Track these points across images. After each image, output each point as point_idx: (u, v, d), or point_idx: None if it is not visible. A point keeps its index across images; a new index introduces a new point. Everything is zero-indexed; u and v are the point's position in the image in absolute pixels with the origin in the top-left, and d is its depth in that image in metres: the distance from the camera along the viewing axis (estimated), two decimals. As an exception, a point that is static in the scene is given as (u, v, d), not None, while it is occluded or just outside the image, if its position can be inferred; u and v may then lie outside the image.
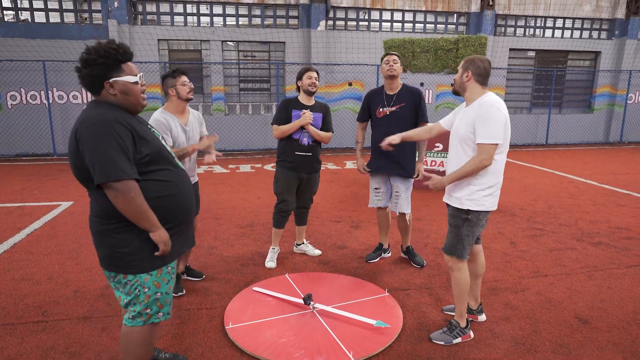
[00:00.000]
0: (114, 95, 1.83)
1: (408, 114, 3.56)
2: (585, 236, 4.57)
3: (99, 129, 1.70)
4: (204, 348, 2.58)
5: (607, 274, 3.63)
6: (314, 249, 4.07)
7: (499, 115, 2.40)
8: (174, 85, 3.03)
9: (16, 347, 2.57)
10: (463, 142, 2.53)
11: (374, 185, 3.81)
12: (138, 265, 1.87)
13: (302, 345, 2.56)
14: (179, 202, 1.95)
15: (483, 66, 2.53)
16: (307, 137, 3.64)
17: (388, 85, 3.64)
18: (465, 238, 2.56)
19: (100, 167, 1.69)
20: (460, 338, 2.64)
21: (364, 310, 2.96)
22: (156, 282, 1.94)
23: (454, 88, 2.69)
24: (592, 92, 12.88)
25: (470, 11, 11.71)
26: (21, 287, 3.35)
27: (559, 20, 12.53)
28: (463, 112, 2.61)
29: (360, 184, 7.14)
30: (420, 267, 3.79)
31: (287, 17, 11.23)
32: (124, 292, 1.94)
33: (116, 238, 1.84)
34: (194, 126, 3.19)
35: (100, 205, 1.83)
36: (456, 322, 2.68)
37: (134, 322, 1.95)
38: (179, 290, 3.25)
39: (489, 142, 2.38)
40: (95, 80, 1.79)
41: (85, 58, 1.76)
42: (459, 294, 2.65)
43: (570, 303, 3.13)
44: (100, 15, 10.30)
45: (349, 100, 11.47)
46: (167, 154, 1.97)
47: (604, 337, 2.69)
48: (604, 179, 7.49)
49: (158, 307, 1.97)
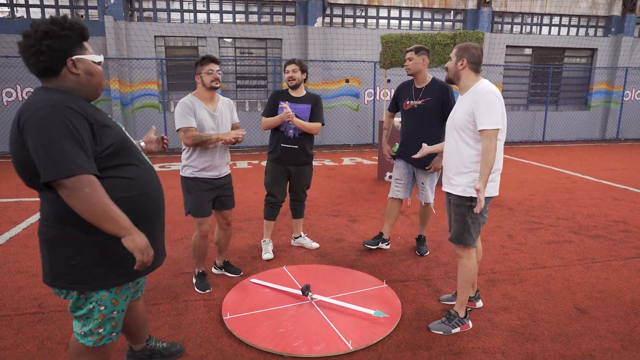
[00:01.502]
0: (76, 75, 1.55)
1: (434, 108, 3.54)
2: (582, 229, 4.58)
3: (47, 116, 1.40)
4: (202, 338, 2.56)
5: (605, 266, 3.63)
6: (311, 242, 4.06)
7: (496, 101, 2.41)
8: (200, 73, 2.98)
9: (12, 338, 2.55)
10: (460, 130, 2.52)
11: (396, 175, 3.81)
12: (95, 280, 1.57)
13: (300, 335, 2.55)
14: (148, 204, 1.66)
15: (477, 54, 2.54)
16: (293, 130, 3.60)
17: (416, 79, 3.64)
18: (472, 225, 2.56)
19: (48, 161, 1.38)
20: (458, 328, 2.63)
21: (362, 301, 2.95)
22: (114, 300, 1.66)
23: (447, 76, 2.69)
24: (588, 89, 12.91)
25: (467, 8, 11.73)
26: (17, 280, 3.32)
27: (555, 18, 12.56)
28: (459, 101, 2.61)
29: (358, 180, 7.13)
30: (421, 255, 3.84)
31: (284, 14, 11.21)
32: (73, 306, 1.66)
33: (68, 247, 1.53)
34: (223, 113, 3.09)
35: (53, 208, 1.52)
36: (455, 312, 2.67)
37: (84, 340, 1.68)
38: (206, 287, 3.16)
39: (491, 127, 2.39)
40: (56, 57, 1.49)
41: (45, 29, 1.46)
42: (464, 283, 2.64)
43: (569, 294, 3.14)
44: (96, 12, 10.25)
45: (346, 97, 11.46)
46: (133, 146, 1.69)
47: (603, 326, 2.70)
48: (600, 175, 7.51)
49: (112, 327, 1.70)
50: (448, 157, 2.64)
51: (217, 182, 3.10)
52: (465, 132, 2.50)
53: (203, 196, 3.03)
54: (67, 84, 1.55)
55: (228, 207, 3.23)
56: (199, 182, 3.02)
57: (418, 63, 3.55)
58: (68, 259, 1.54)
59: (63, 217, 1.51)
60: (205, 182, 3.04)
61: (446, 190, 2.69)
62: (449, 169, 2.64)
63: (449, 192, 2.67)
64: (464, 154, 2.53)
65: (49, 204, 1.53)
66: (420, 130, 3.59)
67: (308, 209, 5.33)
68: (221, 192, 3.14)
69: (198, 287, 3.18)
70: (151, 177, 1.72)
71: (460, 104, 2.57)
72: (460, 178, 2.55)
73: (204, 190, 3.03)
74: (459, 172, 2.55)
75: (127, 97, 10.37)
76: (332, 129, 11.48)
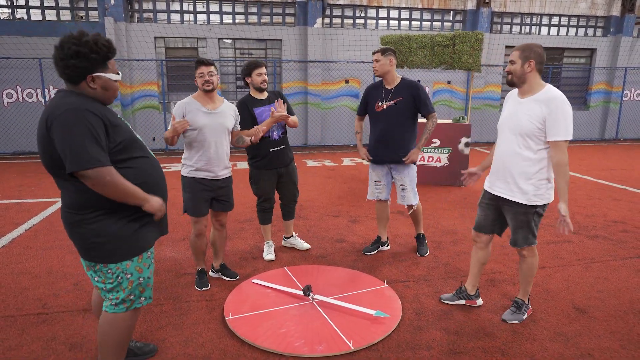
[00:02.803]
0: (93, 89, 1.83)
1: (406, 108, 3.56)
2: (581, 229, 4.60)
3: (71, 117, 1.69)
4: (204, 338, 2.59)
5: (604, 266, 3.66)
6: (302, 242, 4.05)
7: (570, 111, 2.40)
8: (195, 76, 3.07)
9: (17, 338, 2.57)
10: (526, 135, 2.46)
11: (374, 178, 3.82)
12: (117, 254, 1.88)
13: (301, 335, 2.57)
14: (154, 189, 1.96)
15: (543, 54, 2.45)
16: (277, 131, 3.58)
17: (385, 80, 3.66)
18: (534, 228, 2.62)
19: (73, 155, 1.68)
20: (526, 313, 2.81)
21: (363, 301, 2.97)
22: (138, 268, 1.96)
23: (510, 79, 2.54)
24: (587, 89, 12.94)
25: (467, 8, 11.76)
26: (21, 281, 3.35)
27: (554, 18, 12.58)
28: (519, 103, 2.52)
29: (358, 180, 7.16)
30: (421, 256, 3.86)
31: (284, 15, 11.23)
32: (105, 281, 1.93)
33: (90, 228, 1.83)
34: (224, 114, 3.12)
35: (71, 197, 1.82)
36: (521, 300, 2.81)
37: (117, 309, 1.97)
38: (204, 285, 3.23)
39: (565, 139, 2.38)
40: (80, 73, 1.78)
41: (76, 50, 1.73)
42: (529, 277, 2.76)
43: (568, 293, 3.16)
44: (96, 13, 10.27)
45: (345, 97, 11.48)
46: (139, 142, 1.98)
47: (602, 326, 2.72)
48: (600, 175, 7.53)
49: (140, 291, 2.00)
50: (508, 160, 2.57)
51: (213, 184, 3.13)
52: (532, 139, 2.46)
53: (198, 196, 3.09)
54: (87, 92, 1.83)
55: (224, 210, 3.27)
56: (194, 182, 3.08)
57: (385, 64, 3.55)
58: (88, 238, 1.85)
59: (80, 206, 1.81)
60: (200, 182, 3.09)
61: (504, 196, 2.62)
62: (509, 173, 2.57)
63: (504, 198, 2.62)
64: (529, 161, 2.49)
65: (69, 194, 1.82)
66: (393, 130, 3.59)
67: (308, 210, 5.36)
68: (218, 194, 3.18)
69: (197, 284, 3.25)
70: (154, 168, 2.02)
71: (522, 109, 2.48)
72: (524, 185, 2.52)
73: (200, 191, 3.09)
74: (524, 179, 2.52)
75: (128, 98, 10.39)
76: (332, 130, 11.51)
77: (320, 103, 11.28)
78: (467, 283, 2.99)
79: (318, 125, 11.35)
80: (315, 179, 7.25)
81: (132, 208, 1.88)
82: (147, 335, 2.62)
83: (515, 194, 2.56)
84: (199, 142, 3.04)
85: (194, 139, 3.04)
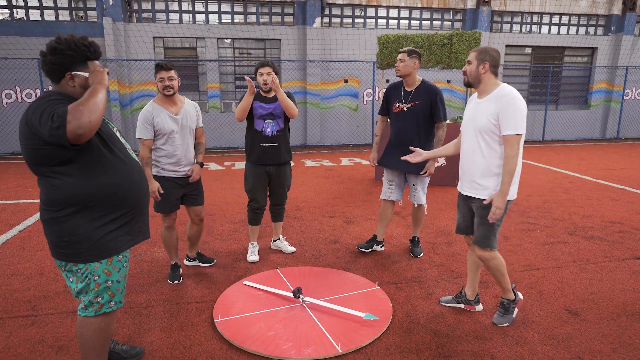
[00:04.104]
0: (72, 87, 1.85)
1: (423, 112, 3.53)
2: (578, 230, 4.57)
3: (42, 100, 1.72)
4: (192, 341, 2.57)
5: (599, 267, 3.63)
6: (288, 246, 4.01)
7: (522, 107, 2.43)
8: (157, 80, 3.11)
9: (4, 341, 2.56)
10: (484, 133, 2.51)
11: (387, 177, 3.81)
12: (85, 254, 1.87)
13: (290, 338, 2.55)
14: (129, 191, 1.95)
15: (497, 57, 2.54)
16: (271, 127, 3.55)
17: (405, 81, 3.63)
18: (496, 229, 2.60)
19: (45, 117, 1.65)
20: (516, 309, 2.78)
21: (353, 303, 2.95)
22: (107, 270, 1.94)
23: (467, 80, 2.62)
24: (588, 88, 12.87)
25: (466, 7, 11.71)
26: (12, 282, 3.34)
27: (555, 17, 12.52)
28: (477, 104, 2.59)
29: (355, 180, 7.14)
30: (415, 257, 3.84)
31: (283, 14, 11.21)
32: (75, 281, 1.94)
33: (62, 226, 1.84)
34: (188, 114, 3.21)
35: (46, 193, 1.84)
36: (506, 299, 2.77)
37: (87, 312, 1.96)
38: (175, 278, 3.33)
39: (516, 133, 2.40)
40: (56, 69, 1.81)
41: (54, 46, 1.79)
42: (500, 277, 2.71)
43: (561, 295, 3.13)
44: (95, 13, 10.27)
45: (344, 97, 11.46)
46: (120, 145, 1.98)
47: (594, 329, 2.69)
48: (599, 174, 7.49)
49: (109, 295, 1.97)
50: (470, 159, 2.62)
51: (183, 180, 3.24)
52: (489, 136, 2.50)
53: (168, 193, 3.17)
54: (67, 90, 1.86)
55: (198, 204, 3.38)
56: (163, 181, 3.15)
57: (409, 66, 3.53)
58: (60, 235, 1.85)
59: (53, 202, 1.82)
60: (169, 180, 3.18)
61: (468, 194, 2.66)
62: (471, 172, 2.61)
63: (471, 196, 2.64)
64: (489, 157, 2.52)
65: (45, 190, 1.83)
66: (408, 133, 3.58)
67: (304, 210, 5.35)
68: (188, 190, 3.30)
69: (169, 277, 3.36)
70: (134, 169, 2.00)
71: (479, 108, 2.55)
72: (487, 182, 2.55)
73: (170, 188, 3.18)
74: (485, 175, 2.54)
75: (126, 98, 10.40)
76: (331, 130, 11.49)
77: (320, 103, 11.26)
78: (467, 288, 2.96)
79: (317, 125, 11.33)
80: (313, 179, 7.23)
81: (107, 208, 1.88)
82: (135, 337, 2.61)
83: (478, 190, 2.59)
84: (169, 146, 3.13)
85: (163, 143, 3.12)
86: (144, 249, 4.02)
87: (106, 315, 2.00)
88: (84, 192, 1.83)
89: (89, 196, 1.84)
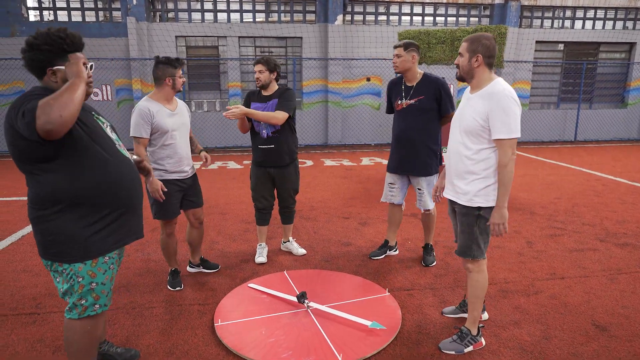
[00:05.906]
0: (55, 82, 1.78)
1: (429, 107, 3.30)
2: (610, 236, 4.25)
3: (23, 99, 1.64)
4: (189, 345, 2.49)
5: (632, 278, 3.34)
6: (298, 248, 3.88)
7: (516, 107, 2.17)
8: (173, 76, 2.99)
9: (4, 339, 2.54)
10: (469, 133, 2.27)
11: (389, 179, 3.63)
12: (69, 254, 1.81)
13: (290, 346, 2.43)
14: (118, 189, 1.88)
15: (491, 45, 2.25)
16: (266, 129, 3.43)
17: (405, 77, 3.41)
18: (479, 237, 2.35)
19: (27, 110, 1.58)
20: (471, 346, 2.42)
21: (361, 310, 2.80)
22: (91, 272, 1.88)
23: (459, 74, 2.39)
24: (625, 85, 12.21)
25: (494, 2, 11.29)
26: (20, 279, 3.35)
27: (590, 11, 11.93)
28: (468, 100, 2.34)
29: (374, 181, 6.95)
30: (426, 265, 3.61)
31: (304, 12, 11.11)
32: (61, 281, 1.89)
33: (48, 225, 1.79)
34: (183, 112, 3.15)
35: (33, 191, 1.80)
36: (467, 329, 2.45)
37: (71, 315, 1.91)
38: (176, 285, 3.20)
39: (510, 137, 2.16)
40: (36, 66, 1.76)
41: (31, 42, 1.72)
42: (475, 299, 2.43)
43: (588, 308, 2.88)
44: (119, 13, 10.45)
45: (367, 95, 11.27)
46: (109, 141, 1.91)
47: (624, 347, 2.45)
48: (635, 177, 7.03)
49: (93, 298, 1.90)
50: (452, 160, 2.41)
51: (185, 183, 3.12)
52: (475, 137, 2.26)
53: (169, 198, 3.01)
54: (49, 86, 1.79)
55: (197, 206, 3.25)
56: (167, 185, 2.98)
57: (407, 60, 3.29)
58: (46, 234, 1.81)
59: (40, 200, 1.78)
60: (173, 183, 3.04)
61: (449, 198, 2.47)
62: (452, 173, 2.42)
63: (452, 200, 2.45)
64: (473, 160, 2.29)
65: (32, 188, 1.80)
66: (411, 132, 3.36)
67: (319, 210, 5.22)
68: (188, 192, 3.17)
69: (169, 284, 3.22)
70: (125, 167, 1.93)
71: (469, 104, 2.31)
72: (465, 185, 2.32)
73: (173, 192, 3.04)
74: (465, 178, 2.33)
75: (150, 97, 10.53)
76: (352, 129, 11.31)
77: (341, 101, 11.11)
78: None
79: (339, 124, 11.17)
80: (331, 179, 7.09)
81: (93, 206, 1.82)
82: (132, 340, 2.54)
83: (459, 195, 2.36)
84: (170, 144, 3.00)
85: (164, 142, 2.99)
86: (152, 248, 3.99)
87: (91, 318, 1.93)
88: (68, 189, 1.76)
89: (73, 193, 1.77)
